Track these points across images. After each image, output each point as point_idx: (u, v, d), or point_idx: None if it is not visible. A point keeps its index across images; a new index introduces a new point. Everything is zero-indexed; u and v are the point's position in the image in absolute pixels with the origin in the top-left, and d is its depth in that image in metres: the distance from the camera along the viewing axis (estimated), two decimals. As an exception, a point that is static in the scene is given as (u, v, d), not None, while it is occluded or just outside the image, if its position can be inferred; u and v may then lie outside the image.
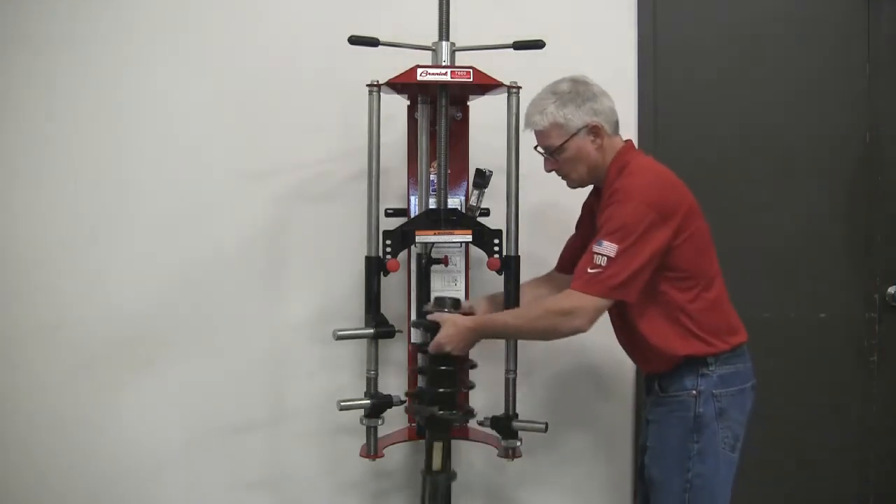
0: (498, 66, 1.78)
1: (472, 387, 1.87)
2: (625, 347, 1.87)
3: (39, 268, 2.11)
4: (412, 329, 1.89)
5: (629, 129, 2.29)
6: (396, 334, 1.82)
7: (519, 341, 1.87)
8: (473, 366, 1.88)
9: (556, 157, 1.76)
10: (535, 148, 1.79)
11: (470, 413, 1.84)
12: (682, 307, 1.68)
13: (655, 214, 1.60)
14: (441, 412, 1.75)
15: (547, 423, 1.80)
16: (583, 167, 1.75)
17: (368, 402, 1.79)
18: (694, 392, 1.69)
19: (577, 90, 1.73)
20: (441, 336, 1.71)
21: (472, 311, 1.86)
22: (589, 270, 1.60)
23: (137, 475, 2.15)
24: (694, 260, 1.68)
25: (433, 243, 1.86)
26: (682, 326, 1.69)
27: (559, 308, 1.63)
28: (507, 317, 1.74)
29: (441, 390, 1.76)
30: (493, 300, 1.92)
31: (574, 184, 1.81)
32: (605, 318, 1.89)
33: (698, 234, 1.70)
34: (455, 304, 1.80)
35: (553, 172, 1.80)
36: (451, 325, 1.71)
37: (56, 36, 2.10)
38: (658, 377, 1.76)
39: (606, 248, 1.59)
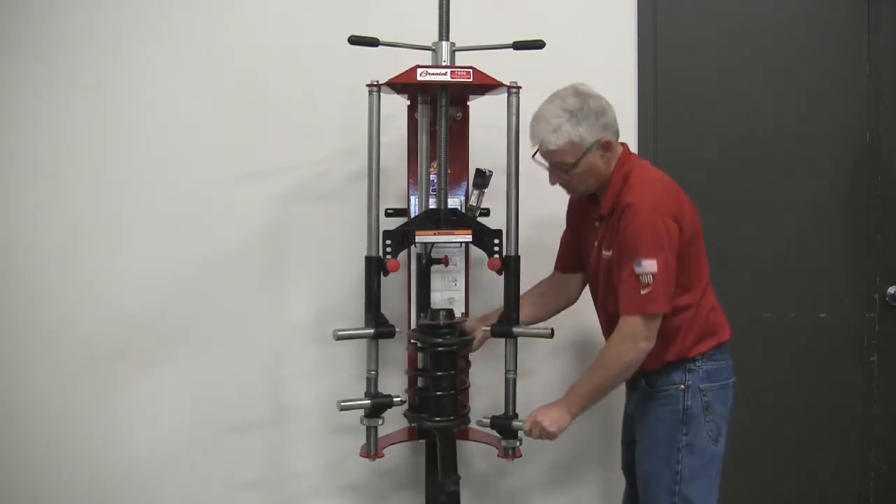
0: (498, 66, 1.78)
1: (467, 386, 1.90)
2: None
3: (39, 268, 2.11)
4: None
5: (629, 129, 2.29)
6: (396, 334, 1.82)
7: (519, 341, 1.87)
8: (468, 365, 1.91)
9: (556, 171, 1.75)
10: (534, 157, 1.77)
11: (465, 415, 1.86)
12: (677, 314, 1.72)
13: (671, 220, 1.65)
14: (440, 420, 1.78)
15: None
16: (591, 180, 1.76)
17: (368, 402, 1.79)
18: (682, 386, 1.74)
19: (587, 105, 1.70)
20: (538, 424, 1.72)
21: (472, 330, 1.88)
22: (642, 293, 1.62)
23: (137, 475, 2.14)
24: (695, 266, 1.74)
25: (433, 243, 1.86)
26: (675, 330, 1.73)
27: (624, 340, 1.66)
28: (584, 378, 1.75)
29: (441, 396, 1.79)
30: (486, 320, 1.92)
31: (579, 194, 1.84)
32: (596, 322, 1.90)
33: (698, 239, 1.75)
34: (448, 316, 1.82)
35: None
36: (544, 411, 1.74)
37: (54, 38, 2.10)
38: (644, 374, 1.79)
39: (649, 266, 1.62)
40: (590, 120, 1.69)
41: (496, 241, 1.83)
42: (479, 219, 1.87)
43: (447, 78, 1.72)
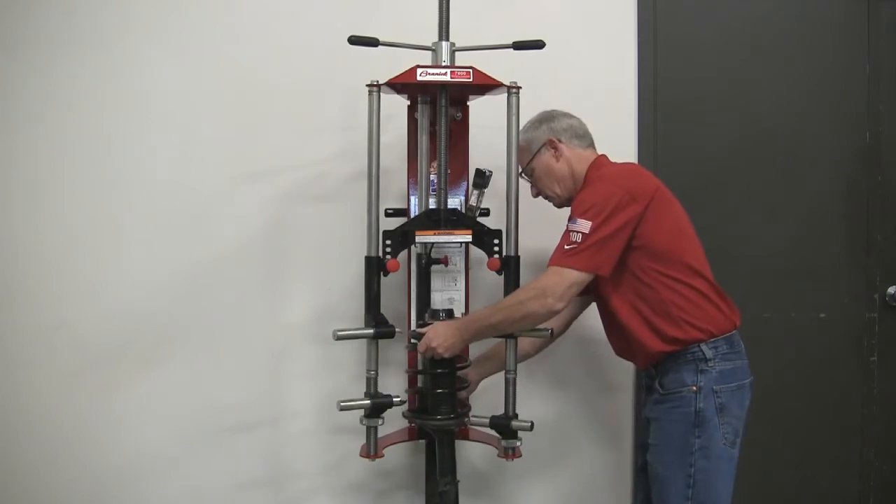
0: (498, 66, 1.78)
1: (465, 385, 1.90)
2: (615, 347, 1.91)
3: (39, 268, 2.10)
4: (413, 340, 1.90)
5: (629, 130, 2.29)
6: (396, 334, 1.82)
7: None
8: (466, 365, 1.91)
9: (530, 180, 1.92)
10: (520, 174, 1.88)
11: (464, 414, 1.86)
12: (661, 287, 1.72)
13: (625, 193, 1.70)
14: (438, 419, 1.78)
15: (532, 423, 1.80)
16: (553, 182, 1.89)
17: (368, 402, 1.79)
18: (694, 388, 1.72)
19: (538, 117, 1.92)
20: (429, 335, 1.75)
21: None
22: (566, 247, 1.68)
23: (137, 475, 2.14)
24: (669, 240, 1.74)
25: (433, 243, 1.86)
26: (663, 308, 1.73)
27: (533, 289, 1.69)
28: (487, 309, 1.78)
29: (439, 395, 1.79)
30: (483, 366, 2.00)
31: (556, 202, 1.93)
32: (594, 321, 1.90)
33: (672, 217, 1.77)
34: (449, 315, 1.83)
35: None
36: (438, 325, 1.77)
37: (54, 38, 2.09)
38: (658, 375, 1.79)
39: (581, 225, 1.67)
40: (535, 126, 1.90)
41: (496, 241, 1.83)
42: (479, 219, 1.87)
43: (447, 78, 1.72)
